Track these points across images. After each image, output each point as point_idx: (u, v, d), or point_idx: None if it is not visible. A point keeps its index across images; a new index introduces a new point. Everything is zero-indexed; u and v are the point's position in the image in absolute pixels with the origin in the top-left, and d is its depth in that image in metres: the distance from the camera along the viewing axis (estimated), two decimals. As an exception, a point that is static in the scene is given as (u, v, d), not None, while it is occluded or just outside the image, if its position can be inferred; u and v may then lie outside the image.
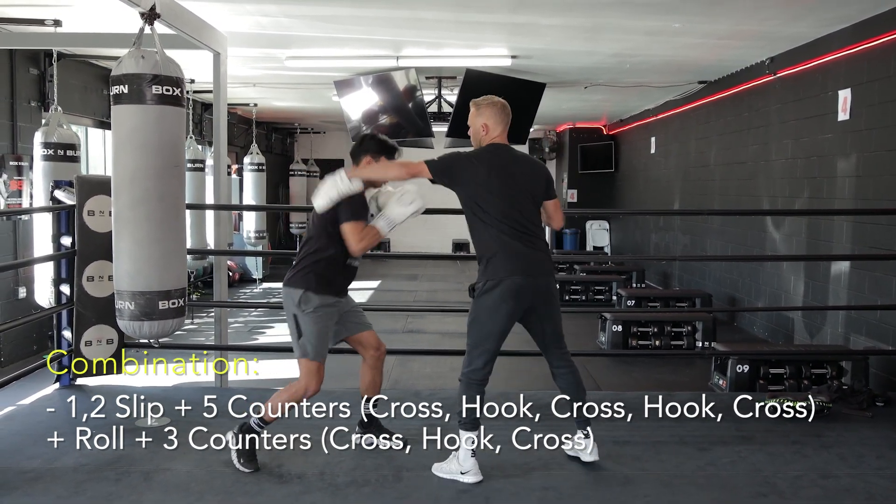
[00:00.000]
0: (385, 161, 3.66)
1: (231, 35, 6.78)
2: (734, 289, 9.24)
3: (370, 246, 3.62)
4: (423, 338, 8.34)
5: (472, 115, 3.67)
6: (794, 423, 4.37)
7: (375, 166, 3.65)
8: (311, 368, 3.62)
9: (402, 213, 3.56)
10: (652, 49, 7.60)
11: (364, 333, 3.85)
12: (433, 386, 6.29)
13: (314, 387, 3.63)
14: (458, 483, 3.53)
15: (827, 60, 6.91)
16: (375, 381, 3.88)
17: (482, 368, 3.57)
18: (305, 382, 3.63)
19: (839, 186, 6.77)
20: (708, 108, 10.14)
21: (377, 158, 3.66)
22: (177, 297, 3.85)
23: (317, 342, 3.61)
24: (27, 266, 6.74)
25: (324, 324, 3.63)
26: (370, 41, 7.48)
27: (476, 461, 3.53)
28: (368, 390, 3.88)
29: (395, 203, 3.57)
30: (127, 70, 3.68)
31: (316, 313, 3.61)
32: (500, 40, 7.42)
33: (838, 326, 6.73)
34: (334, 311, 3.69)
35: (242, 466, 3.59)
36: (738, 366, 5.85)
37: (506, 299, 3.48)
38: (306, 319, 3.61)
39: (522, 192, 3.54)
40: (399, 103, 9.01)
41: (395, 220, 3.57)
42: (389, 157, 3.68)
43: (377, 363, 3.87)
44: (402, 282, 13.18)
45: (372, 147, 3.69)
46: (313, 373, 3.63)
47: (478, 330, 3.57)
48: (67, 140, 6.15)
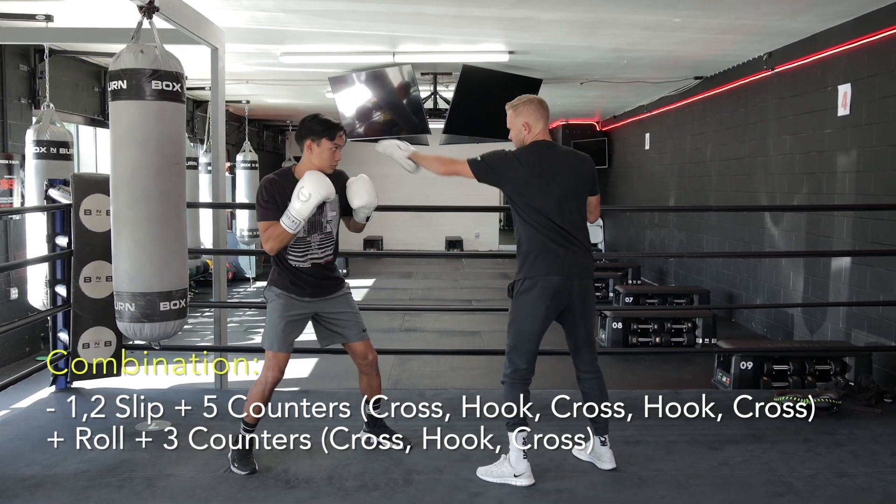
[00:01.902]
0: (327, 143, 3.53)
1: (226, 30, 6.67)
2: (732, 285, 9.20)
3: (277, 245, 3.46)
4: (421, 336, 8.27)
5: (510, 118, 3.61)
6: (804, 420, 4.31)
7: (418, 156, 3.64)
8: (268, 357, 3.57)
9: (300, 210, 3.40)
10: (650, 44, 7.54)
11: (351, 345, 3.74)
12: (434, 385, 6.22)
13: (272, 376, 3.56)
14: (472, 486, 3.45)
15: (826, 55, 6.87)
16: (372, 385, 3.81)
17: (525, 369, 3.53)
18: (263, 373, 3.57)
19: (839, 182, 6.74)
20: (704, 103, 10.10)
21: (318, 140, 3.52)
22: (178, 297, 3.75)
23: (271, 331, 3.56)
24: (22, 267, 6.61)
25: (279, 314, 3.55)
26: (367, 36, 7.38)
27: (529, 463, 3.46)
28: (366, 392, 3.82)
29: (295, 199, 3.42)
30: (125, 65, 3.58)
31: (272, 303, 3.58)
32: (498, 35, 7.34)
33: (839, 322, 6.70)
34: (296, 305, 3.58)
35: (237, 469, 3.50)
36: (741, 362, 5.80)
37: (543, 299, 3.43)
38: (267, 309, 3.61)
39: (565, 190, 3.47)
40: (394, 100, 8.90)
41: (297, 217, 3.40)
42: (331, 138, 3.52)
43: (368, 370, 3.78)
44: (397, 280, 13.09)
45: (313, 128, 3.54)
46: (269, 362, 3.56)
47: (517, 331, 3.51)
48: (60, 138, 6.02)
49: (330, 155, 3.54)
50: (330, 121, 3.57)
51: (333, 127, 3.55)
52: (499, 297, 11.35)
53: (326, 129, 3.53)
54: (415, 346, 7.76)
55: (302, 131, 3.56)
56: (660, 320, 7.62)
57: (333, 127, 3.55)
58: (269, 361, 3.57)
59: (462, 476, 3.53)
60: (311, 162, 3.55)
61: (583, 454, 3.70)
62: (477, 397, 4.67)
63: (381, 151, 3.79)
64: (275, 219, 3.45)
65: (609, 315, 7.60)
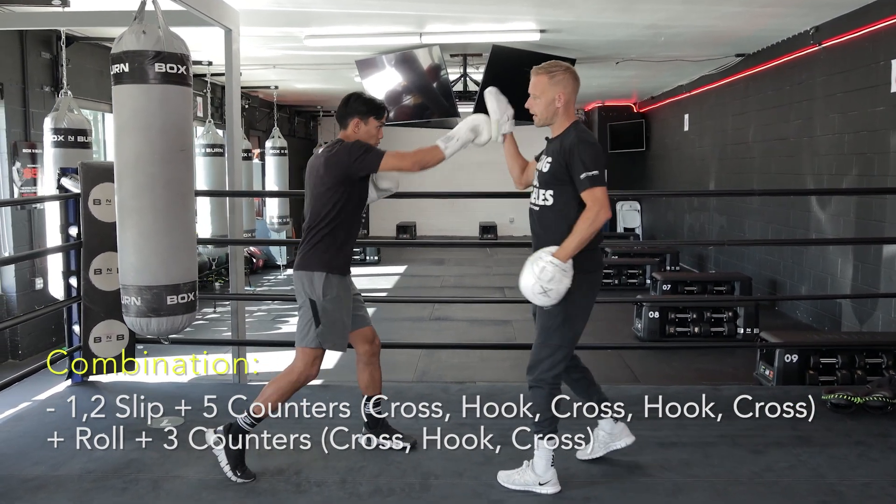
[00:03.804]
0: (374, 122, 3.41)
1: (247, 13, 6.50)
2: (775, 272, 8.82)
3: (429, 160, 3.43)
4: (450, 325, 8.06)
5: (542, 85, 3.11)
6: (855, 420, 4.03)
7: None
8: (315, 355, 3.39)
9: (466, 139, 3.39)
10: (689, 19, 7.19)
11: (361, 330, 3.54)
12: (462, 376, 6.01)
13: (312, 373, 3.40)
14: (493, 493, 3.22)
15: (878, 28, 6.46)
16: (374, 378, 3.59)
17: (563, 371, 3.22)
18: (303, 368, 3.38)
19: (892, 163, 6.34)
20: (746, 82, 9.68)
21: (365, 120, 3.42)
22: (186, 291, 3.57)
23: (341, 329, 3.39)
24: (33, 258, 6.53)
25: (347, 309, 3.40)
26: (392, 17, 7.16)
27: (555, 470, 3.20)
28: (367, 389, 3.60)
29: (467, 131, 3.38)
30: (127, 47, 3.39)
31: (334, 297, 3.35)
32: (529, 13, 7.06)
33: (891, 312, 6.32)
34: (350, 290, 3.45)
35: (238, 478, 3.28)
36: (786, 355, 5.48)
37: (595, 295, 3.20)
38: (327, 302, 3.33)
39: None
40: (423, 83, 8.68)
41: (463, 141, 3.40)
42: (378, 117, 3.43)
43: (372, 359, 3.57)
44: (429, 266, 12.89)
45: (359, 108, 3.42)
46: (313, 358, 3.38)
47: (572, 332, 3.16)
48: (78, 125, 5.90)
49: (376, 134, 3.47)
50: (376, 100, 3.53)
51: (382, 107, 3.52)
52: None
53: (374, 108, 3.46)
54: (444, 335, 7.56)
55: (348, 110, 3.45)
56: (699, 309, 7.29)
57: (382, 107, 3.52)
58: (314, 358, 3.37)
59: (482, 481, 3.31)
60: (358, 139, 3.43)
61: (584, 454, 3.46)
62: (503, 394, 4.49)
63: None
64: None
65: (645, 304, 7.30)
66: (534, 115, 3.17)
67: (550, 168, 3.12)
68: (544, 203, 3.16)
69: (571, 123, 3.16)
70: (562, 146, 3.10)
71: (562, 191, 3.10)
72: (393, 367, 5.99)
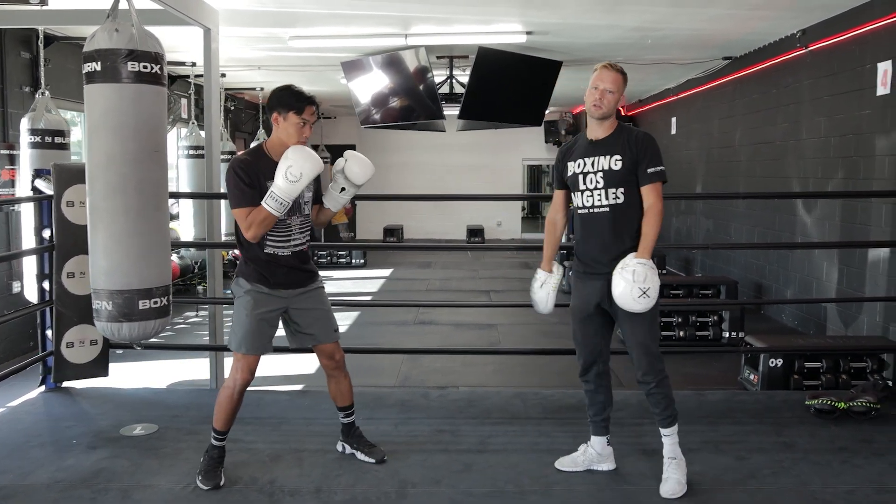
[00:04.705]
0: (293, 117, 3.14)
1: (228, 13, 6.42)
2: (761, 275, 8.79)
3: (261, 230, 3.11)
4: (435, 329, 7.97)
5: (618, 81, 3.14)
6: (839, 426, 3.99)
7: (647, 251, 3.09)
8: (236, 359, 3.25)
9: (288, 190, 3.03)
10: (676, 21, 7.14)
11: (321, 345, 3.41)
12: (444, 381, 5.94)
13: (241, 378, 3.23)
14: (471, 500, 3.15)
15: (865, 30, 6.43)
16: (340, 390, 3.49)
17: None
18: (231, 375, 3.26)
19: (878, 166, 6.31)
20: (733, 85, 9.65)
21: (284, 114, 3.16)
22: (159, 295, 3.48)
23: (238, 330, 3.22)
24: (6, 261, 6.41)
25: (247, 312, 3.21)
26: (377, 18, 7.08)
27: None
28: (336, 399, 3.52)
29: (281, 178, 3.05)
30: (99, 45, 3.31)
31: (240, 299, 3.25)
32: (515, 14, 6.99)
33: (876, 316, 6.29)
34: (268, 300, 3.24)
35: (200, 483, 3.22)
36: (770, 360, 5.44)
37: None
38: (235, 305, 3.28)
39: None
40: (410, 85, 8.61)
41: (285, 198, 3.05)
42: (298, 112, 3.15)
43: (335, 371, 3.46)
44: (416, 269, 12.81)
45: (278, 101, 3.18)
46: (238, 364, 3.24)
47: (657, 326, 3.29)
48: (55, 126, 5.80)
49: (297, 131, 3.19)
50: (300, 93, 3.21)
51: (302, 100, 3.17)
52: (518, 288, 11.02)
53: (294, 101, 3.17)
54: (428, 339, 7.48)
55: (270, 102, 3.24)
56: (684, 313, 7.25)
57: (302, 100, 3.17)
58: (237, 363, 3.26)
59: (460, 489, 3.23)
60: (279, 137, 3.23)
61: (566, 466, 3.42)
62: (484, 399, 4.44)
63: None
64: (253, 203, 3.13)
65: (631, 308, 7.24)
66: (599, 107, 3.15)
67: (623, 165, 3.15)
68: (615, 202, 3.16)
69: (618, 121, 3.23)
70: (628, 141, 3.17)
71: (630, 187, 3.16)
72: (376, 372, 5.93)
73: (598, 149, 3.18)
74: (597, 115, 3.16)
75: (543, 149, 17.45)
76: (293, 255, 3.28)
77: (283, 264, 3.26)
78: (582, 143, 3.26)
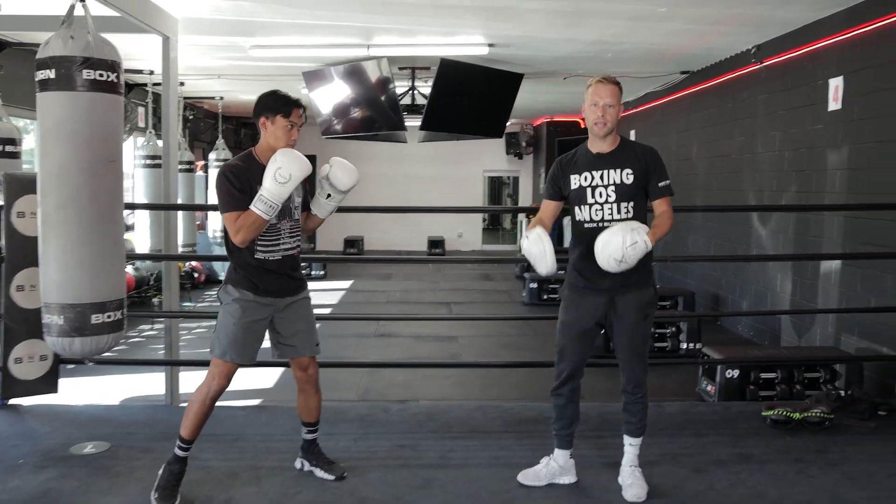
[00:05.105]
0: (281, 120, 3.15)
1: (188, 21, 6.34)
2: (717, 286, 8.93)
3: (250, 234, 3.08)
4: (395, 342, 7.94)
5: (616, 94, 3.17)
6: (794, 436, 4.05)
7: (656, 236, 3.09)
8: (215, 364, 3.20)
9: (277, 192, 3.02)
10: (635, 36, 7.25)
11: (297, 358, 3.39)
12: (406, 395, 5.90)
13: (217, 384, 3.18)
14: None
15: (818, 47, 6.60)
16: (308, 405, 3.45)
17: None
18: (207, 380, 3.20)
19: (830, 180, 6.46)
20: (690, 99, 9.83)
21: (272, 118, 3.17)
22: (113, 309, 3.39)
23: (224, 338, 3.17)
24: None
25: (235, 320, 3.17)
26: (338, 28, 7.06)
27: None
28: (302, 414, 3.48)
29: (270, 180, 3.03)
30: (54, 52, 3.22)
31: (228, 306, 3.21)
32: (477, 27, 7.03)
33: (828, 326, 6.43)
34: (256, 309, 3.21)
35: (155, 502, 3.13)
36: (727, 370, 5.52)
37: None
38: (221, 311, 3.24)
39: None
40: (372, 95, 8.59)
41: (274, 200, 3.03)
42: (286, 115, 3.15)
43: (306, 386, 3.42)
44: (376, 281, 12.75)
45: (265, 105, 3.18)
46: (216, 370, 3.19)
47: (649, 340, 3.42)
48: (7, 134, 5.64)
49: (285, 134, 3.18)
50: (287, 97, 3.21)
51: (289, 103, 3.18)
52: (479, 300, 11.05)
53: (282, 104, 3.18)
54: (389, 352, 7.44)
55: (257, 108, 3.23)
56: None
57: (289, 103, 3.18)
58: (215, 369, 3.20)
59: (422, 505, 3.21)
60: (267, 142, 3.21)
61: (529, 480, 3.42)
62: (445, 413, 4.41)
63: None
64: (242, 207, 3.10)
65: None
66: (604, 123, 3.14)
67: (634, 179, 3.15)
68: (626, 216, 3.16)
69: (619, 135, 3.25)
70: (636, 155, 3.18)
71: (638, 201, 3.18)
72: (336, 386, 5.86)
73: (607, 162, 3.17)
74: (602, 133, 3.15)
75: (504, 160, 17.57)
76: (283, 259, 3.25)
77: (273, 270, 3.22)
78: (586, 156, 3.23)
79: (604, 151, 3.20)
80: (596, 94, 3.16)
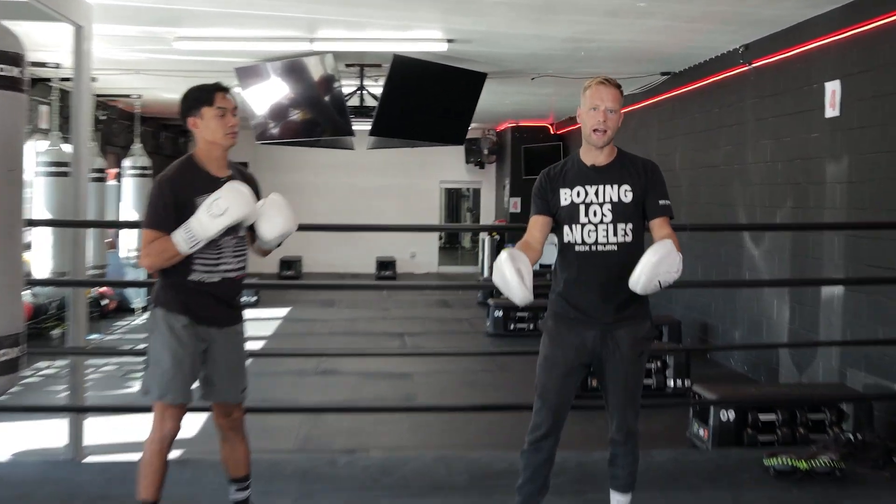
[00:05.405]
0: (208, 111, 3.11)
1: (103, 8, 6.19)
2: (706, 314, 9.01)
3: (158, 263, 3.05)
4: (339, 380, 7.82)
5: (618, 98, 3.14)
6: (802, 489, 4.06)
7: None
8: (158, 409, 3.12)
9: (207, 226, 2.98)
10: (611, 33, 7.32)
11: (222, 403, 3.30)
12: (352, 443, 5.78)
13: (169, 427, 3.10)
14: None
15: (812, 47, 6.73)
16: (235, 457, 3.34)
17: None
18: (155, 426, 3.11)
19: (829, 194, 6.56)
20: (672, 103, 9.97)
21: (198, 113, 3.14)
22: (8, 346, 3.22)
23: (160, 375, 3.08)
24: None
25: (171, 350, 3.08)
26: (278, 19, 6.99)
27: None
28: (229, 468, 3.36)
29: (204, 211, 3.00)
30: (-60, 43, 3.10)
31: (158, 334, 3.11)
32: (435, 20, 7.02)
33: (832, 360, 6.51)
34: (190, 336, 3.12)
35: None
36: (721, 412, 5.52)
37: None
38: (151, 341, 3.14)
39: None
40: (313, 95, 8.54)
41: (200, 235, 2.99)
42: (210, 104, 3.12)
43: (230, 433, 3.33)
44: (317, 308, 12.60)
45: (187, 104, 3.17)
46: (161, 413, 3.11)
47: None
48: None
49: (218, 124, 3.14)
50: (203, 85, 3.20)
51: (209, 89, 3.17)
52: (437, 330, 10.98)
53: (202, 94, 3.16)
54: (332, 393, 7.32)
55: (183, 110, 3.19)
56: (625, 358, 7.32)
57: (209, 89, 3.17)
58: (160, 413, 3.11)
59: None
60: (205, 140, 3.16)
61: None
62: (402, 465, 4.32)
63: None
64: (166, 230, 3.02)
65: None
66: (605, 130, 3.09)
67: (634, 197, 3.09)
68: (625, 240, 3.09)
69: (616, 146, 3.19)
70: (636, 169, 3.13)
71: (637, 222, 3.13)
72: (270, 434, 5.70)
73: (603, 176, 3.10)
74: (601, 142, 3.10)
75: (464, 170, 17.61)
76: (222, 283, 3.16)
77: (210, 293, 3.14)
78: (578, 169, 3.16)
79: (599, 164, 3.13)
80: (596, 96, 3.11)
